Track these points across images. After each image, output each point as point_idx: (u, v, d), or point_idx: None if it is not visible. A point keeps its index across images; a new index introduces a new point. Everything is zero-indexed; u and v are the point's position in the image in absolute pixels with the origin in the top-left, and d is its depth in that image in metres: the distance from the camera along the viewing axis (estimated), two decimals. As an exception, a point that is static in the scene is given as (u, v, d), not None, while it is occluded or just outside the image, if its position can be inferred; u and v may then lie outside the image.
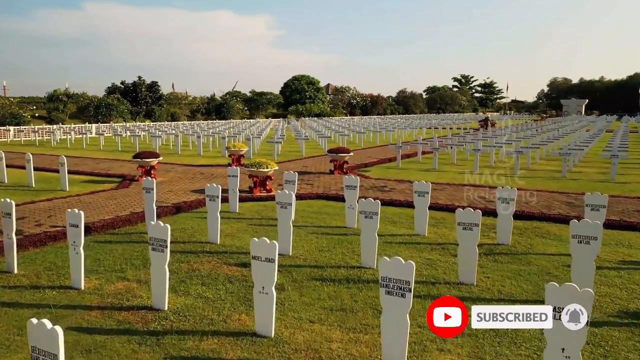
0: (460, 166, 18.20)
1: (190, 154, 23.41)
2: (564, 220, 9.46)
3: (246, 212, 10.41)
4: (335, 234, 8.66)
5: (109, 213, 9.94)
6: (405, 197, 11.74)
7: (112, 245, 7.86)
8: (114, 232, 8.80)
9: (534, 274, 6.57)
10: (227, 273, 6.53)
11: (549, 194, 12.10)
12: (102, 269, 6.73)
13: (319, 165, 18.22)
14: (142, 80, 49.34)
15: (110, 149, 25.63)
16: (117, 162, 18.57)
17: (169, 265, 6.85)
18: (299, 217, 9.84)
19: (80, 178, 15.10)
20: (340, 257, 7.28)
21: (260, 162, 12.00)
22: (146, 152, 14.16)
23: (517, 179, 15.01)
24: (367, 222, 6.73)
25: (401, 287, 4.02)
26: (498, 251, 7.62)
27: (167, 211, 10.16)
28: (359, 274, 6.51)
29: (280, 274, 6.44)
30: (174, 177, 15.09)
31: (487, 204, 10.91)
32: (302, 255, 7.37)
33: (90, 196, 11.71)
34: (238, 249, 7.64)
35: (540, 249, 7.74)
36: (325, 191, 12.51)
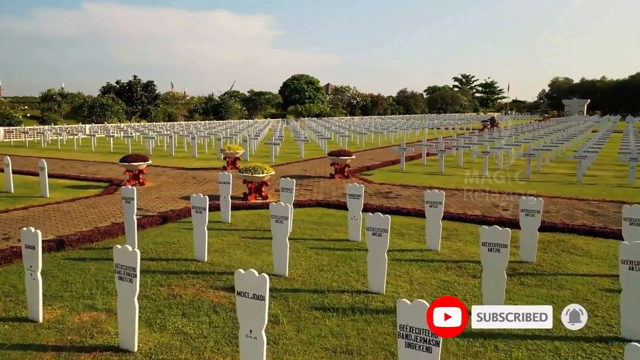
0: (468, 169, 17.29)
1: (184, 156, 22.49)
2: (590, 232, 8.59)
3: (239, 222, 9.49)
4: (337, 248, 7.75)
5: (88, 224, 9.02)
6: (412, 204, 10.83)
7: (86, 264, 6.94)
8: (90, 246, 7.89)
9: (569, 301, 5.66)
10: (213, 300, 5.62)
11: (568, 201, 11.19)
12: (69, 294, 5.81)
13: (319, 168, 17.31)
14: (137, 80, 48.33)
15: (102, 151, 24.70)
16: (106, 165, 17.64)
17: (146, 289, 5.98)
18: (297, 229, 8.94)
19: (64, 182, 14.19)
20: (343, 278, 6.37)
21: (255, 167, 11.09)
22: (134, 156, 13.25)
23: (531, 183, 14.11)
24: (375, 240, 5.82)
25: (426, 340, 3.13)
26: (523, 270, 6.72)
27: (153, 222, 9.25)
28: (366, 301, 5.61)
29: (274, 300, 5.54)
30: (164, 181, 14.17)
31: (502, 212, 10.01)
32: (301, 275, 6.46)
33: (70, 204, 10.79)
34: (227, 268, 6.73)
35: (570, 268, 6.83)
36: (326, 198, 11.59)
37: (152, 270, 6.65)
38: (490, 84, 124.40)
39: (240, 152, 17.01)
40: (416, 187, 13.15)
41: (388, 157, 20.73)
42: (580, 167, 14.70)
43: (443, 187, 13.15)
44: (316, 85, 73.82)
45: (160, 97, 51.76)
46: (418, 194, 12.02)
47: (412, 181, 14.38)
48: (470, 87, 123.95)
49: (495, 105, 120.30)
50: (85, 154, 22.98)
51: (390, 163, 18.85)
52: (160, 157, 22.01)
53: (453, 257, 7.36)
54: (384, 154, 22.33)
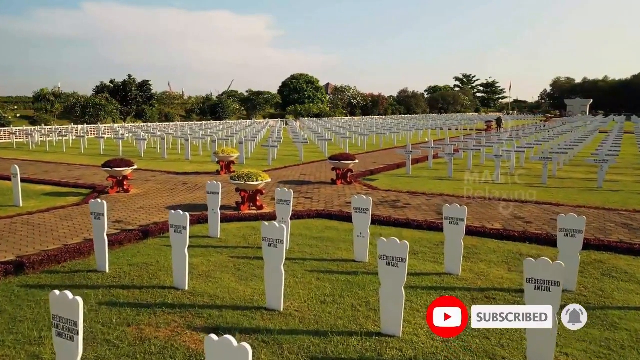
0: (478, 173, 16.20)
1: (177, 159, 21.40)
2: (630, 250, 7.51)
3: (230, 237, 8.40)
4: (341, 272, 6.67)
5: (58, 240, 7.94)
6: (423, 215, 9.74)
7: (44, 293, 5.85)
8: (55, 268, 6.80)
9: (630, 347, 4.58)
10: (190, 347, 4.53)
11: (595, 211, 10.10)
12: (12, 337, 4.72)
13: (319, 172, 16.22)
14: (132, 79, 47.10)
15: (92, 153, 23.58)
16: (91, 170, 16.53)
17: (110, 330, 4.89)
18: (295, 245, 7.86)
19: (44, 189, 13.10)
20: (350, 313, 5.28)
21: (249, 174, 10.00)
22: (117, 160, 12.16)
23: (548, 189, 13.03)
24: (389, 271, 4.73)
25: None
26: (564, 303, 5.60)
27: (132, 237, 8.15)
28: (379, 348, 4.52)
29: (265, 347, 4.47)
30: (151, 188, 13.07)
31: (525, 225, 8.92)
32: (298, 310, 5.37)
33: (42, 215, 9.70)
34: (211, 300, 5.64)
35: (618, 299, 5.75)
36: (327, 207, 10.51)
37: (120, 302, 5.56)
38: (492, 84, 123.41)
39: (235, 156, 15.92)
40: (425, 194, 12.07)
41: (392, 160, 19.65)
42: (602, 171, 13.62)
43: (455, 194, 12.08)
44: (316, 84, 72.66)
45: (155, 97, 50.54)
46: (428, 203, 10.94)
47: (420, 187, 13.30)
48: (471, 87, 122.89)
49: (496, 105, 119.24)
50: (73, 157, 21.87)
51: (394, 167, 17.76)
52: (151, 160, 20.94)
53: (477, 283, 6.27)
54: (387, 157, 21.25)
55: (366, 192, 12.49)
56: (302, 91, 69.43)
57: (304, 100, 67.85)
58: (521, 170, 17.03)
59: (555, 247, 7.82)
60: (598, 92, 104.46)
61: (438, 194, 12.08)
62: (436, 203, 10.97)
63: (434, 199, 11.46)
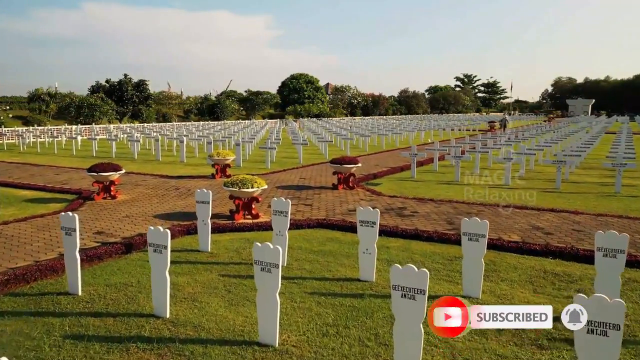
0: (486, 177, 15.40)
1: (172, 161, 20.61)
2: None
3: (221, 251, 7.61)
4: (345, 294, 5.88)
5: (30, 255, 7.16)
6: (432, 225, 8.96)
7: (4, 322, 5.06)
8: (22, 290, 6.00)
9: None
10: (165, 397, 3.74)
11: (619, 221, 9.32)
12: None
13: (320, 176, 15.43)
14: (128, 79, 46.26)
15: (84, 155, 22.78)
16: (80, 173, 15.70)
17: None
18: (293, 261, 7.08)
19: (26, 194, 12.31)
20: (357, 349, 4.50)
21: (244, 180, 9.21)
22: (103, 164, 11.37)
23: (563, 195, 12.25)
24: (406, 305, 3.94)
25: None
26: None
27: (113, 251, 7.37)
28: (394, 399, 3.73)
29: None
30: (140, 193, 12.28)
31: (545, 237, 8.14)
32: (296, 345, 4.59)
33: (18, 225, 8.91)
34: (195, 331, 4.85)
35: (667, 329, 4.96)
36: (329, 216, 9.73)
37: (89, 335, 4.77)
38: (493, 84, 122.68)
39: (231, 158, 15.14)
40: (433, 200, 11.28)
41: (395, 162, 18.87)
42: (619, 176, 12.84)
43: (465, 201, 11.30)
44: (316, 84, 71.82)
45: (152, 96, 49.70)
46: (437, 211, 10.16)
47: (427, 193, 12.51)
48: (472, 86, 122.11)
49: (497, 105, 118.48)
50: (63, 159, 21.07)
51: (398, 169, 16.96)
52: (145, 162, 20.14)
53: (501, 309, 5.47)
54: (390, 159, 20.47)
55: (370, 198, 11.70)
56: (302, 91, 68.59)
57: (304, 100, 67.02)
58: (531, 174, 16.24)
59: (580, 262, 7.10)
60: (600, 92, 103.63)
61: (447, 200, 11.30)
62: (446, 210, 10.19)
63: (442, 206, 10.67)
